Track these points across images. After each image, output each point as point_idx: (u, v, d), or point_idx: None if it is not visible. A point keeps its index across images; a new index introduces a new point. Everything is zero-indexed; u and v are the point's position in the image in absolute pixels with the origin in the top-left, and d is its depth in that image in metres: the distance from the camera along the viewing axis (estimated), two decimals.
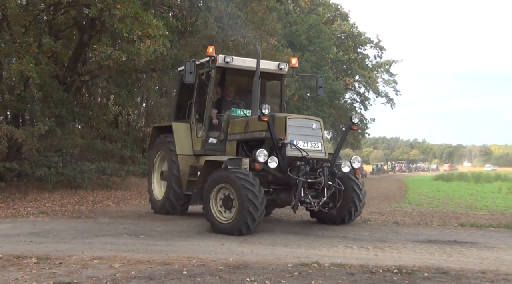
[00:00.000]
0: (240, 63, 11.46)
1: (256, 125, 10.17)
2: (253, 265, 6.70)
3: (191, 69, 10.72)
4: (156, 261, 6.78)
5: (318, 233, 9.72)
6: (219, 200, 9.41)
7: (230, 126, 11.12)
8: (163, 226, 10.27)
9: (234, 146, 10.86)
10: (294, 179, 9.35)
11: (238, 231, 8.93)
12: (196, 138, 11.64)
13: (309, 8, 37.03)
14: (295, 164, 9.48)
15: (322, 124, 10.28)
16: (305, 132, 9.88)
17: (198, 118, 11.74)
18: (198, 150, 11.54)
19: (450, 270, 6.58)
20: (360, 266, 6.71)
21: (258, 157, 9.23)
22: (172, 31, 17.09)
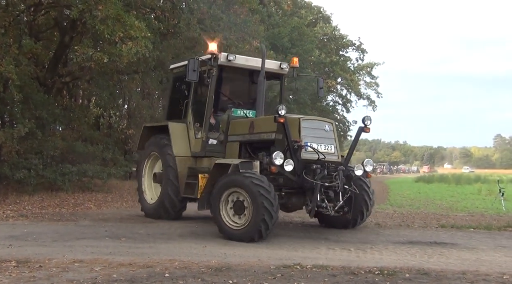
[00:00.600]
0: (242, 61, 11.12)
1: (264, 126, 9.95)
2: (235, 267, 6.70)
3: (194, 67, 10.24)
4: (138, 264, 6.74)
5: (301, 234, 9.74)
6: (229, 205, 9.04)
7: (231, 126, 10.80)
8: (145, 228, 10.21)
9: (236, 148, 10.54)
10: (310, 182, 9.03)
11: (250, 238, 8.62)
12: (194, 139, 11.25)
13: (292, 10, 37.12)
14: (311, 167, 9.20)
15: (335, 125, 10.05)
16: (318, 134, 9.60)
17: (195, 118, 11.36)
18: (197, 152, 11.14)
19: (431, 271, 6.65)
20: (342, 268, 6.75)
21: (275, 159, 8.86)
22: (154, 32, 17.00)
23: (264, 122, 10.09)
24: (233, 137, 10.68)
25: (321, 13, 44.20)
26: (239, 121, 10.84)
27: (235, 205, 8.96)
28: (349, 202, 9.47)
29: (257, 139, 10.14)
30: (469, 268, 6.93)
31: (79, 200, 15.40)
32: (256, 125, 10.21)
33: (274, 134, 9.67)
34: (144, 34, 14.47)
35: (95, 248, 7.92)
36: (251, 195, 8.55)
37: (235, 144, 10.56)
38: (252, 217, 8.57)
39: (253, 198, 8.52)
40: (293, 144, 9.18)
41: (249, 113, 11.17)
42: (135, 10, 16.49)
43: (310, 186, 9.08)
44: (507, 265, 7.23)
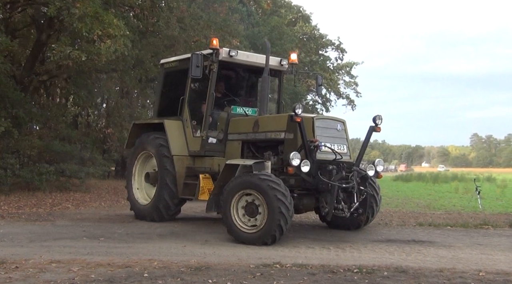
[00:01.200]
0: (243, 57, 10.78)
1: (271, 124, 9.69)
2: (215, 266, 6.69)
3: (198, 63, 9.87)
4: (116, 264, 6.69)
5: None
6: (241, 207, 8.71)
7: (231, 124, 10.45)
8: (124, 228, 10.14)
9: (237, 147, 10.21)
10: (326, 183, 8.74)
11: (263, 243, 8.34)
12: (192, 137, 10.82)
13: (271, 9, 37.15)
14: (327, 168, 8.94)
15: (346, 125, 9.78)
16: (330, 133, 9.36)
17: (192, 116, 10.95)
18: (195, 151, 10.70)
19: (408, 269, 6.71)
20: (321, 266, 6.78)
21: (292, 160, 8.55)
22: (133, 31, 16.89)
23: (272, 120, 9.84)
24: (234, 135, 10.34)
25: (300, 12, 44.29)
26: (240, 119, 10.51)
27: (248, 208, 8.63)
28: (364, 203, 9.26)
29: (263, 138, 9.81)
30: (446, 265, 7.01)
31: (57, 200, 15.22)
32: (262, 123, 9.87)
33: (284, 133, 9.37)
34: (123, 33, 14.37)
35: (73, 248, 7.84)
36: (267, 199, 8.24)
37: (237, 143, 10.24)
38: (266, 221, 8.28)
39: (269, 202, 8.21)
40: (309, 144, 8.86)
41: (248, 110, 10.86)
42: (113, 8, 16.33)
43: (325, 187, 8.79)
44: (483, 262, 7.33)
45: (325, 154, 9.09)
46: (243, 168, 8.96)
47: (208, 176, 10.14)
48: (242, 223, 8.68)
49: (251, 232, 8.52)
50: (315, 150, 8.88)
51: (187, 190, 10.56)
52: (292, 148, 9.02)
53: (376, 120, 9.56)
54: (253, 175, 8.58)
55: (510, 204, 16.67)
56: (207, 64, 10.28)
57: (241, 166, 8.98)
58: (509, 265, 7.13)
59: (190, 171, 10.69)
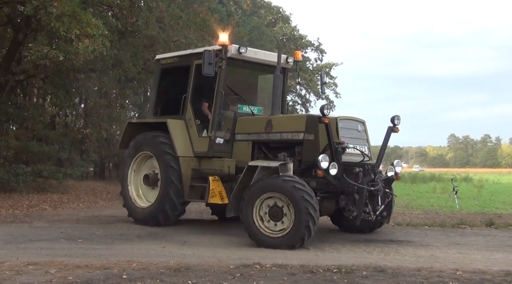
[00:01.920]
0: (251, 54, 10.40)
1: (287, 124, 9.48)
2: (194, 267, 6.67)
3: (210, 60, 9.42)
4: (94, 266, 6.63)
5: None
6: (264, 210, 8.46)
7: (238, 124, 10.14)
8: (102, 229, 10.06)
9: (247, 147, 9.88)
10: (352, 186, 8.54)
11: (291, 246, 8.12)
12: (197, 137, 10.34)
13: (251, 10, 37.16)
14: (353, 170, 8.72)
15: (366, 125, 9.62)
16: (352, 134, 9.17)
17: (196, 115, 10.48)
18: (202, 152, 10.21)
19: (387, 268, 6.77)
20: (301, 266, 6.80)
21: (321, 163, 8.33)
22: (112, 30, 16.74)
23: (287, 120, 9.66)
24: (243, 135, 10.03)
25: (280, 13, 44.38)
26: (250, 118, 10.24)
27: (271, 211, 8.38)
28: (388, 206, 9.13)
29: (278, 138, 9.53)
30: (424, 265, 7.09)
31: (34, 201, 15.03)
32: (276, 123, 9.59)
33: (303, 134, 9.11)
34: (101, 32, 14.24)
35: (50, 250, 7.75)
36: (294, 201, 8.05)
37: (246, 143, 9.92)
38: (294, 223, 8.07)
39: (295, 203, 8.02)
40: (337, 146, 8.64)
41: (254, 109, 10.59)
42: (91, 7, 16.19)
43: (351, 190, 8.57)
44: (460, 261, 7.43)
45: (349, 156, 8.92)
46: (262, 170, 8.68)
47: (217, 178, 9.72)
48: (266, 227, 8.42)
49: (276, 236, 8.28)
50: (342, 152, 8.70)
51: (193, 193, 10.15)
52: (313, 149, 8.85)
53: (394, 120, 9.39)
54: (276, 177, 8.33)
55: (486, 204, 16.92)
56: (216, 61, 9.84)
57: (261, 168, 8.69)
58: (486, 264, 7.23)
59: (196, 173, 10.24)
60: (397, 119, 9.39)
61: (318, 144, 8.91)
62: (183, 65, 10.78)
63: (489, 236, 9.74)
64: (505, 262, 7.40)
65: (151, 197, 10.82)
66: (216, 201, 9.60)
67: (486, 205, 16.38)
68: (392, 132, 9.46)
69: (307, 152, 8.96)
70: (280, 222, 8.32)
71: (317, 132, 8.94)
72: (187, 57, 10.73)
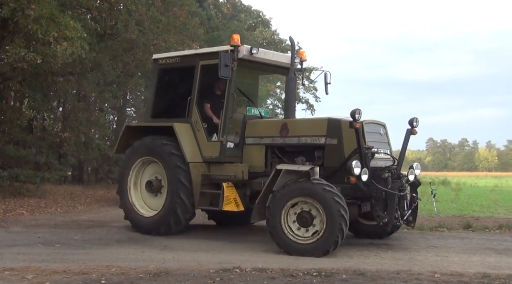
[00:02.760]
0: (261, 55, 10.02)
1: (306, 128, 9.20)
2: (174, 272, 6.64)
3: (227, 62, 9.01)
4: (72, 271, 6.57)
5: (240, 238, 9.75)
6: (292, 216, 8.20)
7: (249, 127, 9.77)
8: (81, 234, 9.96)
9: (260, 152, 9.54)
10: (381, 191, 8.35)
11: (324, 251, 7.91)
12: (206, 141, 9.85)
13: (231, 14, 37.23)
14: (382, 176, 8.56)
15: (387, 128, 9.44)
16: (375, 138, 8.94)
17: (204, 118, 10.01)
18: (212, 156, 9.73)
19: (366, 271, 6.81)
20: (281, 270, 6.81)
21: (355, 169, 8.06)
22: (90, 33, 16.61)
23: (306, 124, 9.45)
24: (254, 139, 9.67)
25: (260, 17, 44.52)
26: (262, 121, 9.94)
27: (300, 216, 8.14)
28: (414, 211, 8.97)
29: (295, 143, 9.24)
30: (403, 267, 7.15)
31: (10, 206, 14.80)
32: (292, 127, 9.32)
33: (324, 138, 8.87)
34: (80, 35, 14.13)
35: (27, 256, 7.65)
36: (325, 204, 7.83)
37: (259, 147, 9.57)
38: (326, 227, 7.85)
39: (327, 207, 7.81)
40: (367, 151, 8.42)
41: (262, 112, 10.34)
42: (70, 10, 16.05)
43: (380, 196, 8.39)
44: (438, 264, 7.51)
45: (375, 160, 8.76)
46: (287, 174, 8.41)
47: (231, 185, 9.36)
48: (296, 234, 8.17)
49: (308, 242, 8.05)
50: (372, 157, 8.57)
51: (203, 200, 9.72)
52: (337, 154, 8.68)
53: (413, 122, 9.24)
54: (305, 181, 8.11)
55: (464, 207, 17.12)
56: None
57: (285, 172, 8.42)
58: (463, 266, 7.32)
59: (206, 179, 9.78)
60: (416, 121, 9.26)
61: (343, 149, 8.67)
62: (186, 65, 10.37)
63: (466, 239, 9.86)
64: (482, 264, 7.50)
65: (154, 205, 10.30)
66: (232, 209, 9.28)
67: (464, 208, 16.57)
68: (411, 134, 9.33)
69: (330, 157, 8.77)
70: (310, 228, 8.09)
71: (340, 136, 8.72)
72: (191, 57, 10.34)
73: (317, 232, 8.02)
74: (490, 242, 9.54)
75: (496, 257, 8.11)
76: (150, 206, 10.42)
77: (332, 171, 8.68)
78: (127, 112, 28.35)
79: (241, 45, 9.55)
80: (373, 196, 8.45)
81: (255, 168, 9.46)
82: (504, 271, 6.92)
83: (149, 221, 10.10)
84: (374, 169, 8.57)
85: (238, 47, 9.50)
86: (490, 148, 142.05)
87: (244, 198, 9.41)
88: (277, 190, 8.28)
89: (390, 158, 9.17)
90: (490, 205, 17.78)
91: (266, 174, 9.28)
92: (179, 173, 9.63)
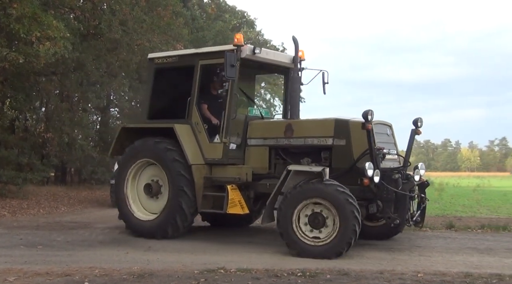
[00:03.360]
0: (264, 55, 9.84)
1: (312, 129, 9.06)
2: (158, 273, 6.61)
3: (233, 62, 8.79)
4: (55, 273, 6.51)
5: (225, 239, 9.74)
6: (303, 218, 8.08)
7: (251, 128, 9.59)
8: (64, 235, 9.88)
9: (263, 153, 9.36)
10: (391, 193, 8.20)
11: (337, 253, 7.81)
12: (208, 143, 9.61)
13: (216, 14, 37.17)
14: (392, 177, 8.40)
15: (393, 128, 9.36)
16: (382, 139, 8.82)
17: (204, 119, 9.79)
18: (215, 158, 9.50)
19: (350, 271, 6.85)
20: (266, 271, 6.82)
21: (368, 170, 7.94)
22: (73, 33, 16.50)
23: (312, 124, 9.25)
24: (257, 140, 9.49)
25: (245, 17, 44.52)
26: (265, 122, 9.86)
27: (311, 218, 8.03)
28: (422, 212, 9.00)
29: (301, 144, 9.09)
30: (386, 267, 7.19)
31: None
32: (297, 128, 9.18)
33: (332, 139, 8.75)
34: (63, 35, 14.03)
35: (9, 258, 7.57)
36: (339, 205, 7.73)
37: (262, 148, 9.40)
38: (340, 228, 7.74)
39: (341, 208, 7.71)
40: (378, 152, 8.32)
41: (265, 112, 10.22)
42: (53, 9, 15.92)
43: (390, 197, 8.25)
44: (422, 263, 7.57)
45: (384, 161, 8.69)
46: (296, 175, 8.30)
47: (235, 187, 9.18)
48: (308, 236, 8.05)
49: (321, 244, 7.94)
50: (383, 158, 8.52)
51: (206, 203, 9.47)
52: (346, 155, 8.58)
53: (417, 122, 9.20)
54: (316, 182, 8.00)
55: (447, 207, 17.27)
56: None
57: (294, 173, 8.31)
58: (446, 266, 7.39)
59: (208, 182, 9.53)
60: (420, 121, 9.21)
61: (351, 150, 8.58)
62: (185, 65, 10.15)
63: (449, 239, 9.95)
64: (464, 264, 7.58)
65: (152, 208, 10.02)
66: (237, 211, 9.14)
67: (447, 208, 16.71)
68: (415, 134, 9.30)
69: (338, 158, 8.67)
70: (322, 229, 7.99)
71: (349, 137, 8.61)
72: (190, 57, 10.10)
73: (329, 234, 7.91)
74: (473, 241, 9.63)
75: (478, 256, 8.19)
76: (147, 209, 10.14)
77: (340, 172, 8.51)
78: (111, 112, 28.21)
79: (244, 45, 9.34)
80: (383, 197, 8.31)
81: (258, 170, 9.32)
82: (486, 270, 6.99)
83: (146, 224, 9.81)
84: (383, 170, 8.46)
85: (241, 47, 9.28)
86: (472, 149, 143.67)
87: (248, 200, 9.26)
88: (289, 192, 8.14)
89: (397, 159, 9.09)
90: (472, 205, 17.96)
91: (270, 175, 9.24)
92: (181, 181, 9.37)
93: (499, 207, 17.09)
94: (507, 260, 7.85)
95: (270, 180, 9.09)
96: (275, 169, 9.37)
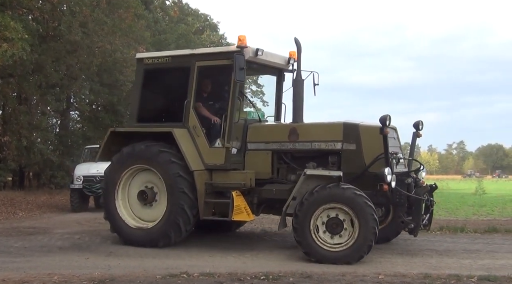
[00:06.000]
0: (265, 57, 9.54)
1: (318, 133, 8.87)
2: (119, 278, 6.53)
3: (242, 65, 8.51)
4: (12, 279, 6.36)
5: (187, 243, 9.67)
6: (321, 224, 7.88)
7: (251, 132, 9.31)
8: (21, 241, 9.65)
9: (266, 158, 9.10)
10: (404, 197, 8.11)
11: (359, 257, 7.68)
12: (208, 148, 9.19)
13: (178, 17, 36.98)
14: (404, 181, 8.34)
15: (398, 132, 9.19)
16: (391, 143, 8.54)
17: (203, 123, 9.32)
18: (217, 164, 9.10)
19: (313, 274, 6.90)
20: (229, 274, 6.81)
21: (387, 176, 7.81)
22: (32, 34, 16.18)
23: (318, 128, 9.02)
24: (258, 144, 9.22)
25: (208, 21, 44.44)
26: (267, 126, 9.67)
27: (329, 224, 7.85)
28: (430, 215, 8.93)
29: (307, 148, 8.90)
30: (348, 269, 7.27)
31: None
32: (302, 132, 8.98)
33: (341, 143, 8.58)
34: (21, 36, 13.76)
35: None
36: (359, 209, 7.61)
37: (264, 153, 9.12)
38: (360, 233, 7.62)
39: (361, 211, 7.59)
40: (392, 156, 8.24)
41: (260, 115, 9.93)
42: (10, 10, 15.58)
43: (403, 201, 8.16)
44: (382, 265, 7.68)
45: (403, 166, 8.71)
46: (309, 180, 8.14)
47: (240, 193, 8.86)
48: (326, 242, 7.88)
49: (340, 249, 7.79)
50: (397, 163, 8.46)
51: (207, 210, 9.07)
52: (356, 160, 8.43)
53: (418, 125, 9.22)
54: (334, 187, 7.83)
55: None
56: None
57: (307, 177, 8.14)
58: (406, 267, 7.52)
59: (209, 188, 9.12)
60: (421, 124, 9.23)
61: (362, 154, 8.43)
62: (179, 66, 9.70)
63: (408, 241, 10.11)
64: (424, 265, 7.73)
65: (147, 216, 9.48)
66: (243, 218, 8.99)
67: None
68: (417, 137, 9.34)
69: (348, 163, 8.49)
70: (341, 234, 7.84)
71: (359, 142, 8.47)
72: (185, 57, 9.63)
73: (349, 238, 7.79)
74: (432, 243, 9.83)
75: (437, 258, 8.37)
76: (141, 217, 9.58)
77: (352, 177, 8.31)
78: (71, 115, 27.70)
79: (247, 47, 8.98)
80: (395, 202, 8.26)
81: (261, 175, 9.08)
82: (445, 271, 7.15)
83: (142, 233, 9.26)
84: (397, 174, 8.35)
85: (244, 49, 8.90)
86: (431, 152, 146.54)
87: (251, 206, 9.00)
88: (305, 198, 7.92)
89: (403, 163, 9.01)
90: None
91: (273, 180, 9.11)
92: (181, 183, 8.90)
93: (457, 209, 17.54)
94: (465, 261, 8.05)
95: (274, 185, 8.95)
96: (278, 173, 9.20)
